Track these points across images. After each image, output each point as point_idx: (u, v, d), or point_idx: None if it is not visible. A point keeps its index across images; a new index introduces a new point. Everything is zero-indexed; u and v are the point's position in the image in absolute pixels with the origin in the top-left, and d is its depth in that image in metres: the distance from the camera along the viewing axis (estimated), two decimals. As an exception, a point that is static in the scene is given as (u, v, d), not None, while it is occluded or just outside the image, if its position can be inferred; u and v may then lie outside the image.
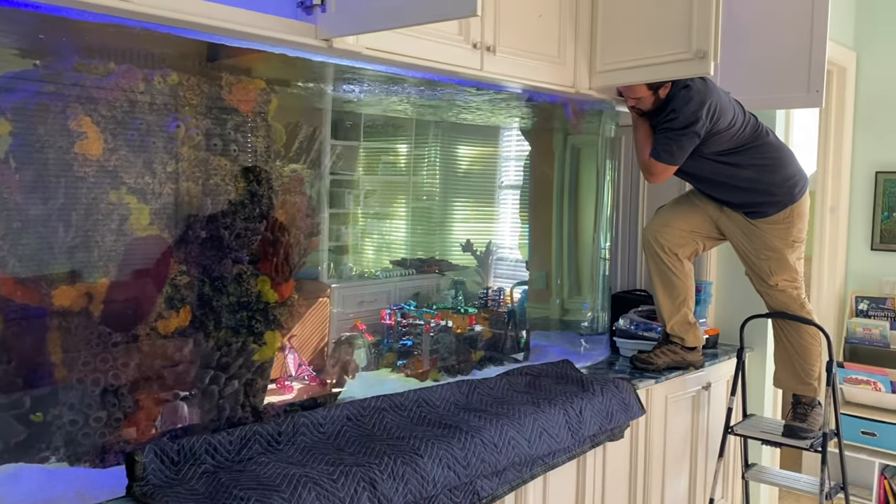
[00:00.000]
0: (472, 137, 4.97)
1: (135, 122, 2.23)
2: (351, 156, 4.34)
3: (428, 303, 4.09)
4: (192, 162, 2.35)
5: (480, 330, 3.79)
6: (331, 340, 3.51)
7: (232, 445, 2.16)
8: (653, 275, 3.44)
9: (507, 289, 4.29)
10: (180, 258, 2.34)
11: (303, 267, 2.62)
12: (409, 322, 3.74)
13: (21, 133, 2.09)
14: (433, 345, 3.58)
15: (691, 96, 2.94)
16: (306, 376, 3.22)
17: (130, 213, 2.27)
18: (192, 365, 2.35)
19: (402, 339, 3.62)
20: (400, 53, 2.44)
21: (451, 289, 4.49)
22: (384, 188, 4.92)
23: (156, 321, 2.33)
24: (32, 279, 2.13)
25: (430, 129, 4.89)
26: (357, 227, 4.60)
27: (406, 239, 5.11)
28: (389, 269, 4.56)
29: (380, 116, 4.44)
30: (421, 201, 5.11)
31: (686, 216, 3.40)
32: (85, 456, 2.19)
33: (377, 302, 3.98)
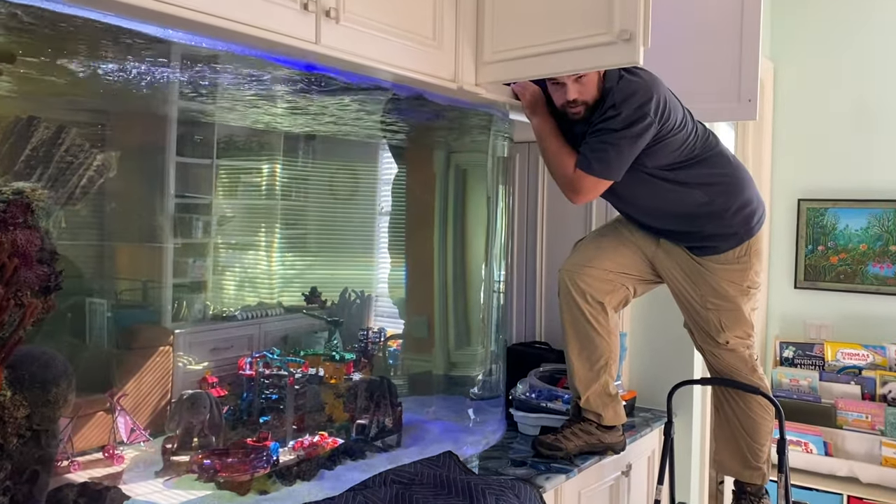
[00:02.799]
0: (349, 155, 4.16)
1: None
2: (202, 176, 3.48)
3: (297, 348, 3.28)
4: None
5: (360, 379, 2.98)
6: (173, 398, 2.72)
7: None
8: (567, 329, 2.64)
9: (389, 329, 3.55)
10: None
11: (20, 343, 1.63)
12: (273, 373, 2.91)
13: None
14: (298, 400, 2.77)
15: (634, 89, 2.18)
16: (142, 442, 2.52)
17: None
18: None
19: (265, 393, 2.79)
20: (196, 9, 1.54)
21: (326, 331, 3.69)
22: (245, 214, 4.03)
23: None
24: None
25: (301, 145, 4.06)
26: (209, 259, 3.69)
27: (274, 272, 4.24)
28: (250, 307, 3.70)
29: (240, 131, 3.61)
30: (291, 228, 4.28)
31: (613, 253, 2.60)
32: None
33: (234, 348, 3.24)
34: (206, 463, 2.30)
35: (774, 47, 4.27)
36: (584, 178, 2.30)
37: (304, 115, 3.47)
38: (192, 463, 2.32)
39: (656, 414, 3.17)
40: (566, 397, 2.89)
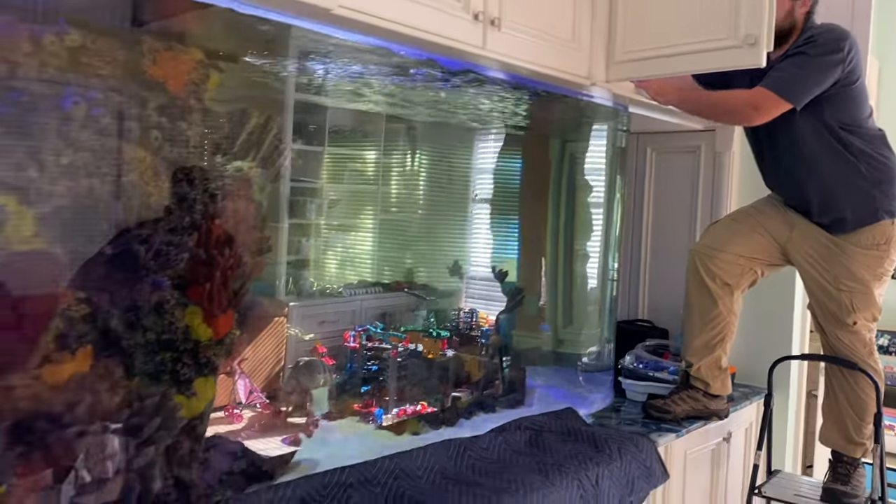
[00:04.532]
0: (448, 143, 4.44)
1: (13, 96, 1.61)
2: (314, 162, 3.81)
3: (396, 324, 3.57)
4: (98, 152, 1.73)
5: (453, 355, 3.27)
6: (287, 365, 2.99)
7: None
8: (691, 305, 2.87)
9: (480, 311, 3.79)
10: (77, 282, 1.72)
11: (245, 294, 2.01)
12: (375, 345, 3.23)
13: None
14: (400, 371, 3.04)
15: (833, 27, 2.39)
16: (258, 404, 2.76)
17: (7, 218, 1.64)
18: (88, 429, 1.72)
19: (367, 364, 3.10)
20: (381, 17, 1.87)
21: (423, 309, 3.97)
22: (350, 198, 4.38)
23: (41, 366, 1.69)
24: None
25: (402, 133, 4.36)
26: (319, 239, 4.05)
27: (373, 253, 4.58)
28: (353, 285, 4.02)
29: (347, 119, 3.91)
30: (390, 213, 4.59)
31: (747, 239, 2.79)
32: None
33: (340, 322, 3.50)
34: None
35: (879, 46, 4.36)
36: (767, 96, 2.40)
37: (422, 106, 3.73)
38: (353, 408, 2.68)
39: (754, 389, 3.38)
40: (672, 368, 3.15)
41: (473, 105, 3.55)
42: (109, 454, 1.89)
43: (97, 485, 1.80)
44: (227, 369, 2.68)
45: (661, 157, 3.76)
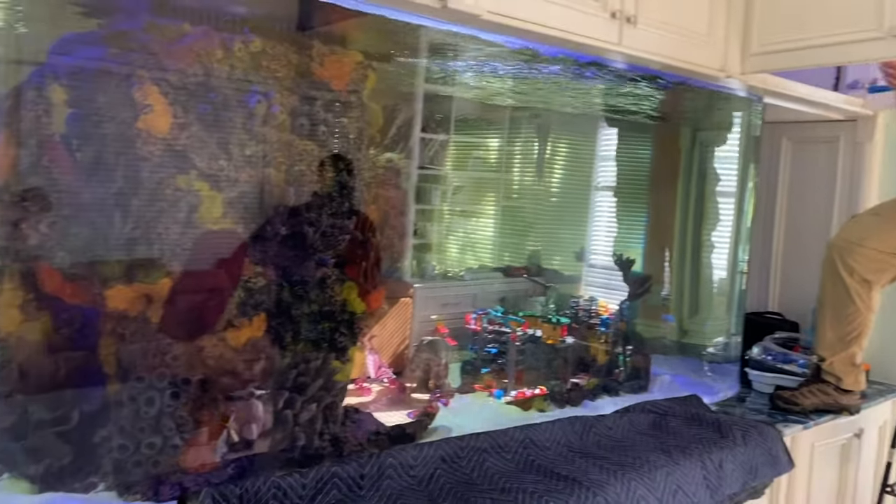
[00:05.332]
0: (572, 131, 4.50)
1: (209, 95, 1.88)
2: (440, 150, 3.98)
3: (515, 309, 3.69)
4: (275, 144, 1.98)
5: (573, 342, 3.35)
6: (412, 343, 3.20)
7: (305, 490, 1.77)
8: (826, 299, 2.85)
9: (600, 300, 3.84)
10: (256, 257, 1.98)
11: (394, 272, 2.22)
12: (495, 329, 3.36)
13: (78, 103, 1.76)
14: (519, 355, 3.14)
15: None
16: (385, 379, 2.95)
17: (201, 201, 1.92)
18: (265, 384, 1.98)
19: (487, 347, 3.23)
20: (524, 20, 2.01)
21: (542, 295, 4.05)
22: (473, 185, 4.54)
23: (225, 330, 1.97)
24: (84, 276, 1.81)
25: (526, 122, 4.46)
26: (442, 224, 4.21)
27: (494, 239, 4.72)
28: (474, 269, 4.17)
29: (472, 109, 4.04)
30: (511, 200, 4.71)
31: (888, 235, 2.74)
32: (136, 486, 1.85)
33: (461, 305, 3.62)
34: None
35: None
36: None
37: (548, 96, 3.80)
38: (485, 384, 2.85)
39: (889, 387, 3.30)
40: (801, 361, 3.12)
41: (601, 95, 3.61)
42: (256, 418, 2.16)
43: (244, 445, 2.06)
44: (358, 344, 2.75)
45: (798, 148, 3.68)
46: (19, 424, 1.86)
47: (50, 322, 1.88)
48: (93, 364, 1.89)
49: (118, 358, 1.87)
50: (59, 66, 1.75)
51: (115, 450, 1.84)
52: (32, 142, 1.71)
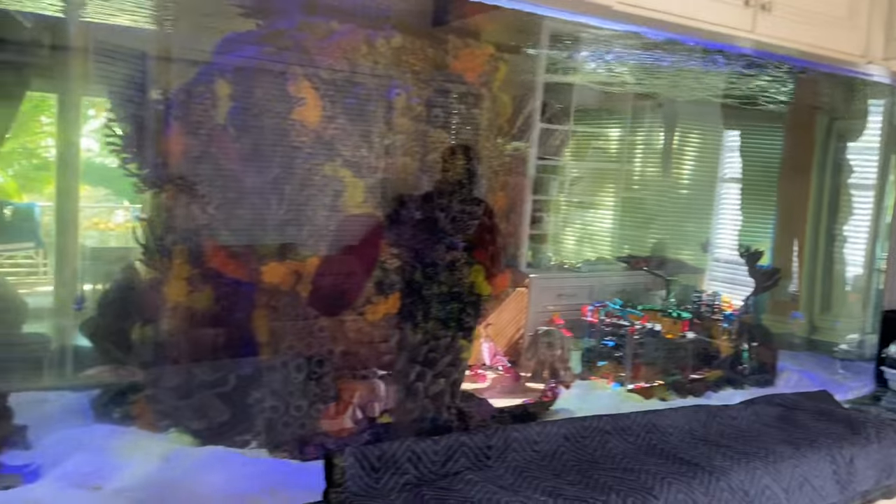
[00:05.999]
0: (697, 120, 4.39)
1: (354, 89, 2.03)
2: (558, 140, 3.99)
3: (633, 302, 3.66)
4: (411, 134, 2.11)
5: (693, 337, 3.31)
6: (527, 333, 3.27)
7: (437, 456, 1.89)
8: None
9: (723, 294, 3.74)
10: (392, 240, 2.12)
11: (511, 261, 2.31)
12: (613, 321, 3.36)
13: (240, 97, 1.96)
14: (637, 348, 3.15)
15: None
16: (500, 367, 3.02)
17: (344, 188, 2.08)
18: (399, 358, 2.12)
19: (604, 340, 3.24)
20: (655, 9, 2.03)
21: (662, 289, 4.00)
22: (592, 175, 4.52)
23: (363, 306, 2.12)
24: (243, 253, 2.01)
25: (650, 111, 4.40)
26: (559, 215, 4.23)
27: (612, 231, 4.69)
28: (591, 261, 4.16)
29: (593, 98, 4.01)
30: (632, 191, 4.66)
31: None
32: (284, 445, 2.04)
33: (577, 296, 3.63)
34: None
35: None
36: None
37: (673, 84, 3.75)
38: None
39: None
40: (944, 362, 2.97)
41: (728, 83, 3.54)
42: (378, 397, 2.31)
43: (367, 422, 2.21)
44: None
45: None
46: (184, 385, 2.09)
47: (211, 294, 2.10)
48: (247, 333, 2.09)
49: (270, 327, 2.06)
50: (223, 64, 1.95)
51: (267, 411, 2.03)
52: (202, 132, 1.92)
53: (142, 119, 1.89)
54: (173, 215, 1.98)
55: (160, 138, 1.89)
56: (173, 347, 2.11)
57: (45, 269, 4.75)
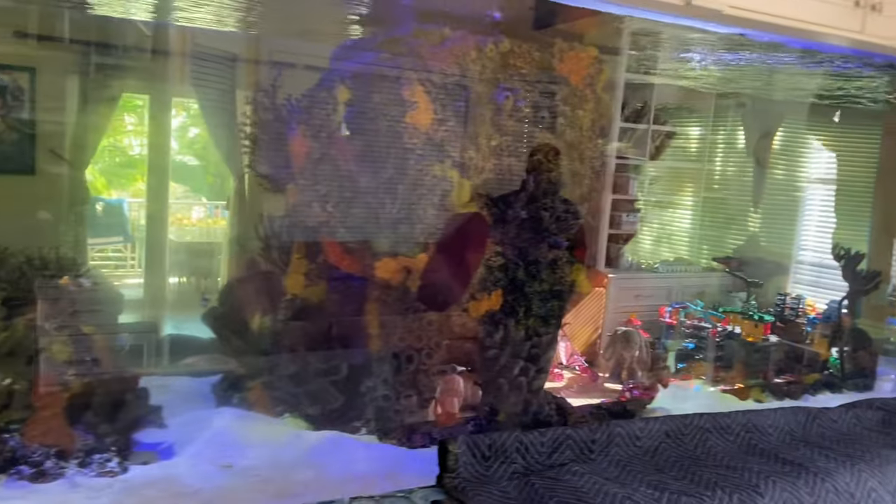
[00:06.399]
0: (784, 120, 4.28)
1: (464, 93, 2.11)
2: (638, 139, 3.95)
3: (714, 304, 3.63)
4: (517, 136, 2.18)
5: (776, 341, 3.26)
6: (605, 333, 3.28)
7: (543, 447, 1.96)
8: None
9: (808, 298, 3.64)
10: (497, 238, 2.19)
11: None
12: (693, 323, 3.33)
13: (357, 101, 2.07)
14: (718, 351, 3.14)
15: None
16: (577, 366, 3.02)
17: (452, 187, 2.16)
18: (503, 353, 2.20)
19: (684, 342, 3.22)
20: (765, 13, 2.05)
21: (743, 291, 3.93)
22: (672, 175, 4.48)
23: (467, 302, 2.21)
24: (358, 249, 2.12)
25: (733, 110, 4.33)
26: (638, 214, 4.18)
27: (692, 232, 4.63)
28: (669, 262, 4.12)
29: (673, 96, 3.95)
30: (713, 191, 4.59)
31: None
32: (393, 433, 2.14)
33: (655, 297, 3.61)
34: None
35: None
36: None
37: (761, 82, 3.68)
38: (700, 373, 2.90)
39: None
40: None
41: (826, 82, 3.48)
42: (458, 393, 2.38)
43: (447, 417, 2.28)
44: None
45: None
46: (300, 373, 2.22)
47: (326, 287, 2.22)
48: (359, 325, 2.20)
49: (380, 320, 2.16)
50: (342, 70, 2.06)
51: (379, 399, 2.14)
52: (323, 135, 2.03)
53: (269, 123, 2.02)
54: (294, 213, 2.10)
55: (285, 141, 2.01)
56: (289, 337, 2.24)
57: (132, 262, 5.02)
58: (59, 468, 1.80)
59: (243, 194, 3.52)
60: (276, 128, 2.02)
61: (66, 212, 3.28)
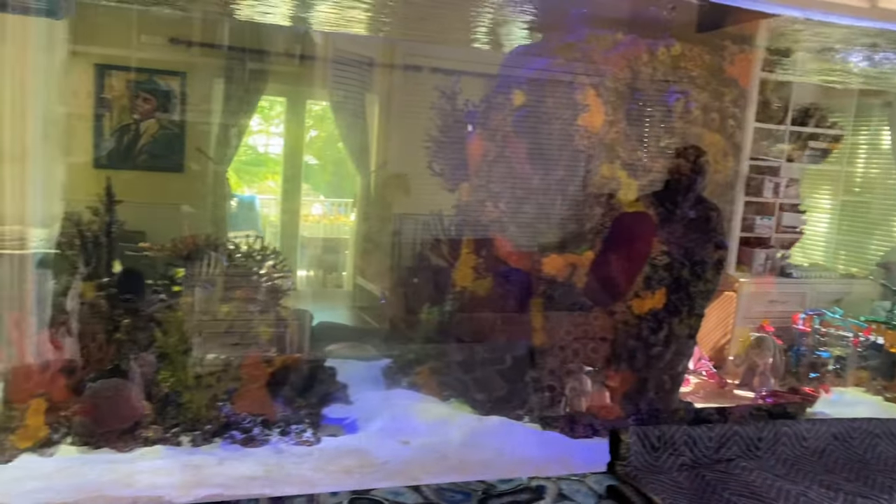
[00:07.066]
0: None
1: (635, 95, 2.18)
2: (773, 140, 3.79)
3: (853, 312, 3.45)
4: (686, 137, 2.22)
5: None
6: (734, 338, 3.13)
7: (711, 442, 2.01)
8: None
9: None
10: (663, 238, 2.24)
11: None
12: (828, 331, 3.19)
13: (530, 105, 2.18)
14: (860, 361, 3.03)
15: None
16: (704, 371, 2.93)
17: (620, 187, 2.24)
18: (667, 351, 2.25)
19: (818, 350, 3.08)
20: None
21: (887, 300, 3.71)
22: (809, 177, 4.27)
23: (632, 300, 2.27)
24: (527, 246, 2.23)
25: (875, 109, 4.09)
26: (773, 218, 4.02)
27: (829, 236, 4.41)
28: (804, 267, 3.94)
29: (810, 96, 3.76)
30: (853, 194, 4.35)
31: None
32: (555, 422, 2.24)
33: (789, 303, 3.42)
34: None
35: None
36: None
37: None
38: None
39: None
40: None
41: None
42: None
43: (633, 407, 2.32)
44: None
45: None
46: (468, 361, 2.36)
47: (492, 281, 2.35)
48: (523, 317, 2.31)
49: (545, 314, 2.27)
50: (517, 75, 2.17)
51: (545, 389, 2.24)
52: (498, 136, 2.16)
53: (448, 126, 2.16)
54: (465, 210, 2.24)
55: (462, 142, 2.15)
56: (457, 327, 2.38)
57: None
58: (265, 435, 2.01)
59: (369, 193, 3.73)
60: (455, 130, 2.16)
61: (211, 207, 3.55)
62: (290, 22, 3.02)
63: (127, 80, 3.26)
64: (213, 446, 1.96)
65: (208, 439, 1.96)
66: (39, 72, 2.02)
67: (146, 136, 3.34)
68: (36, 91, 2.03)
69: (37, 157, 2.01)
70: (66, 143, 2.58)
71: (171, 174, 3.43)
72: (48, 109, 2.07)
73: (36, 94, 2.03)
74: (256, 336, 2.06)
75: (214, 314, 2.01)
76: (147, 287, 2.18)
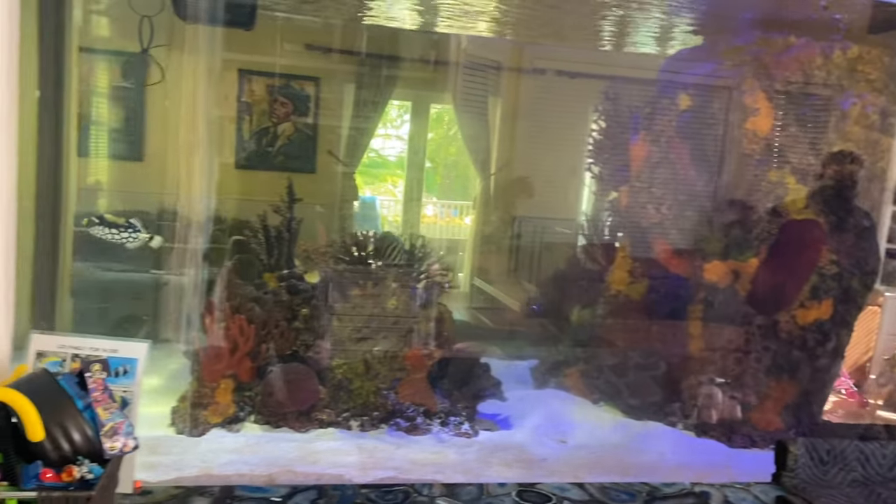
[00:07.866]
0: None
1: (808, 99, 2.12)
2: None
3: None
4: (860, 142, 2.14)
5: None
6: (879, 356, 2.96)
7: (885, 459, 1.92)
8: None
9: None
10: (833, 246, 2.16)
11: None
12: None
13: (695, 108, 2.16)
14: None
15: None
16: (843, 389, 2.74)
17: (787, 193, 2.18)
18: (834, 364, 2.17)
19: None
20: None
21: None
22: None
23: (796, 309, 2.21)
24: (688, 250, 2.21)
25: None
26: None
27: None
28: None
29: None
30: None
31: None
32: (712, 430, 2.21)
33: None
34: None
35: None
36: None
37: None
38: None
39: None
40: None
41: None
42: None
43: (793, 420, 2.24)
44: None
45: None
46: (621, 365, 2.36)
47: (648, 285, 2.34)
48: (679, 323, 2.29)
49: (704, 321, 2.24)
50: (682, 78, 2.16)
51: (702, 397, 2.21)
52: (662, 140, 2.15)
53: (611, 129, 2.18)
54: (625, 213, 2.25)
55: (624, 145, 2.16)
56: (608, 330, 2.39)
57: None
58: (427, 424, 2.10)
59: (489, 195, 3.76)
60: (618, 133, 2.17)
61: (339, 207, 3.68)
62: (422, 26, 3.08)
63: (267, 85, 3.44)
64: (379, 431, 2.07)
65: (376, 425, 2.07)
66: (204, 77, 2.17)
67: (282, 139, 3.51)
68: (206, 95, 2.19)
69: (202, 158, 2.17)
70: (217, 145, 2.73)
71: (304, 175, 3.55)
72: (208, 113, 2.22)
73: (206, 97, 2.20)
74: (419, 330, 2.16)
75: (384, 307, 2.12)
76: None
